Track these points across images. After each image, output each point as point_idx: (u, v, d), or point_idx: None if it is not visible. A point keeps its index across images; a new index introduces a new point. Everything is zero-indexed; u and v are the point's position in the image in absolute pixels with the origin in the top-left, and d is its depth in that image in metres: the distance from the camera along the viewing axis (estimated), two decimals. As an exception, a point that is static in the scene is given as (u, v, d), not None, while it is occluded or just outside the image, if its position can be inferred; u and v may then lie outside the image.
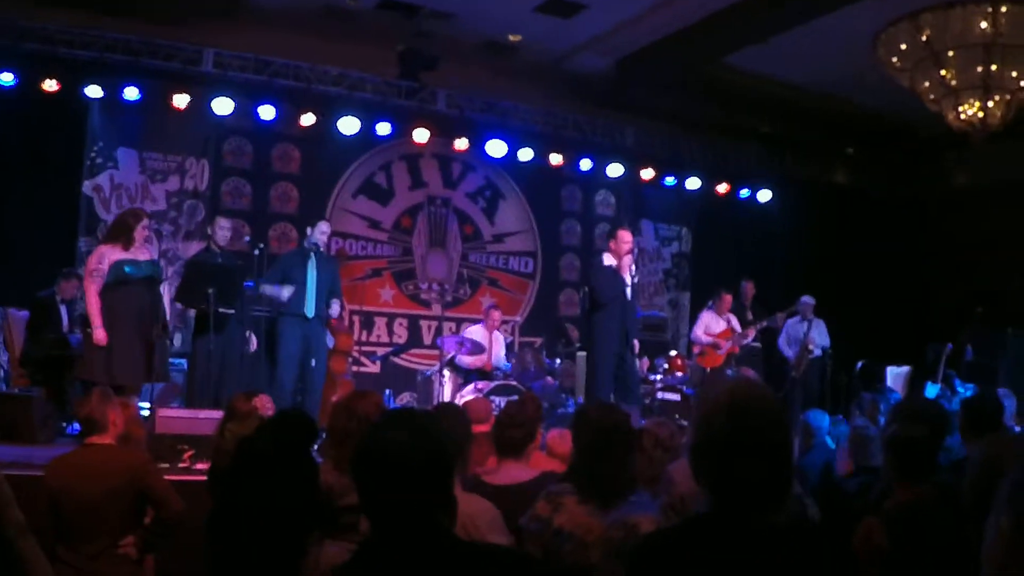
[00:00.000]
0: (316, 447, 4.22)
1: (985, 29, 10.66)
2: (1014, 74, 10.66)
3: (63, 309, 10.72)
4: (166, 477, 6.10)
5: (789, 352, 13.78)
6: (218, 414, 6.96)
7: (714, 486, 2.46)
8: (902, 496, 4.32)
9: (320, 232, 10.43)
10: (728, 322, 13.41)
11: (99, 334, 8.37)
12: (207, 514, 3.70)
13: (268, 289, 9.93)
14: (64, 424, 9.35)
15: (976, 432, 5.14)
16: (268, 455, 3.47)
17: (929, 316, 15.62)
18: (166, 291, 10.17)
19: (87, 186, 12.48)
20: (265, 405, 5.92)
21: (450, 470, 2.51)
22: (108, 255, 8.53)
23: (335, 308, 10.44)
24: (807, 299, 13.64)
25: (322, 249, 10.52)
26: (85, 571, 5.03)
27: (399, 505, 2.39)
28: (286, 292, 9.93)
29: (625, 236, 10.69)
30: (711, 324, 13.40)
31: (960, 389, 12.01)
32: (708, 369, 13.21)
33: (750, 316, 13.64)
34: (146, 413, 9.51)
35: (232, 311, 9.60)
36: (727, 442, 2.45)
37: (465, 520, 3.91)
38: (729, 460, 2.43)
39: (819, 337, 13.68)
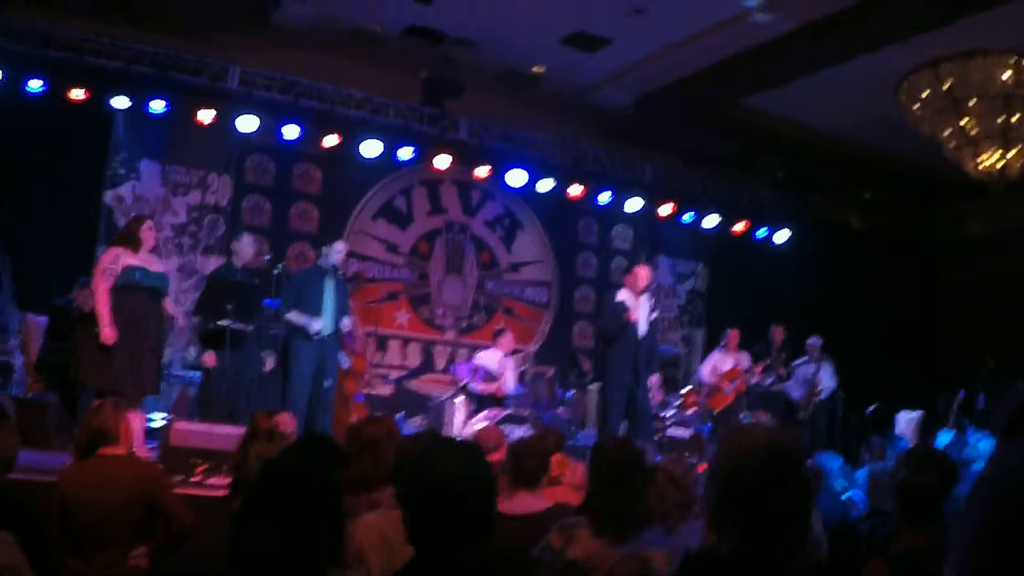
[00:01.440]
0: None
1: (1006, 80, 10.71)
2: (1033, 125, 10.71)
3: (78, 317, 10.76)
4: (178, 490, 6.15)
5: (796, 394, 13.77)
6: (235, 430, 7.00)
7: (742, 528, 2.51)
8: (908, 541, 4.35)
9: (336, 252, 10.36)
10: (736, 362, 13.40)
11: (107, 332, 8.20)
12: (228, 533, 3.71)
13: (296, 318, 9.92)
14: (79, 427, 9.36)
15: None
16: (293, 478, 3.49)
17: (941, 363, 15.62)
18: (181, 303, 10.20)
19: (108, 196, 12.53)
20: (287, 423, 5.94)
21: (495, 501, 2.56)
22: (123, 258, 8.49)
23: (347, 322, 10.41)
24: (814, 340, 13.66)
25: (339, 268, 10.52)
26: (95, 582, 5.06)
27: (445, 532, 2.43)
28: (316, 324, 9.91)
29: (641, 272, 10.72)
30: (719, 364, 13.39)
31: (972, 438, 11.98)
32: (716, 411, 13.16)
33: (781, 361, 13.61)
34: (155, 424, 9.58)
35: (250, 328, 9.65)
36: (762, 485, 2.50)
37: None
38: (761, 503, 2.49)
39: (827, 379, 13.69)
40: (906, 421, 13.99)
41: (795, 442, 2.61)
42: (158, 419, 9.70)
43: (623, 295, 10.60)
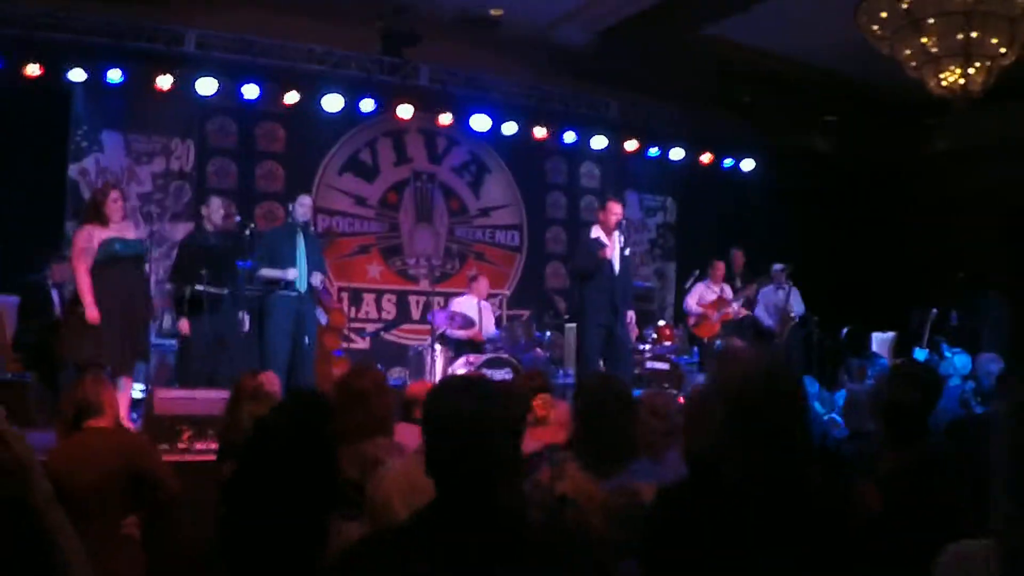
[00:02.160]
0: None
1: (965, -4, 10.69)
2: (994, 41, 10.67)
3: (55, 293, 10.72)
4: (166, 458, 6.18)
5: (769, 321, 13.83)
6: (215, 394, 7.03)
7: (746, 448, 2.58)
8: (895, 460, 4.37)
9: (301, 206, 10.36)
10: (721, 292, 13.51)
11: (92, 312, 8.23)
12: (223, 492, 3.74)
13: (270, 272, 9.90)
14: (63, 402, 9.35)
15: None
16: (287, 434, 3.51)
17: (912, 281, 15.70)
18: (153, 271, 10.17)
19: (73, 170, 12.44)
20: (271, 381, 5.96)
21: (519, 441, 2.57)
22: (97, 234, 8.47)
23: (316, 278, 10.40)
24: (778, 266, 13.70)
25: (306, 222, 10.47)
26: (88, 553, 5.06)
27: (467, 471, 2.45)
28: (291, 273, 9.91)
29: (614, 207, 10.74)
30: (704, 294, 13.52)
31: (948, 354, 12.10)
32: (705, 339, 13.36)
33: (739, 284, 13.73)
34: (138, 395, 9.57)
35: (225, 291, 9.64)
36: (763, 406, 2.57)
37: None
38: (765, 423, 2.56)
39: (795, 304, 13.77)
40: (880, 341, 14.13)
41: (785, 366, 2.73)
42: (138, 390, 9.68)
43: (596, 232, 10.62)
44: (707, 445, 2.90)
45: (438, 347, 11.94)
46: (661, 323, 13.54)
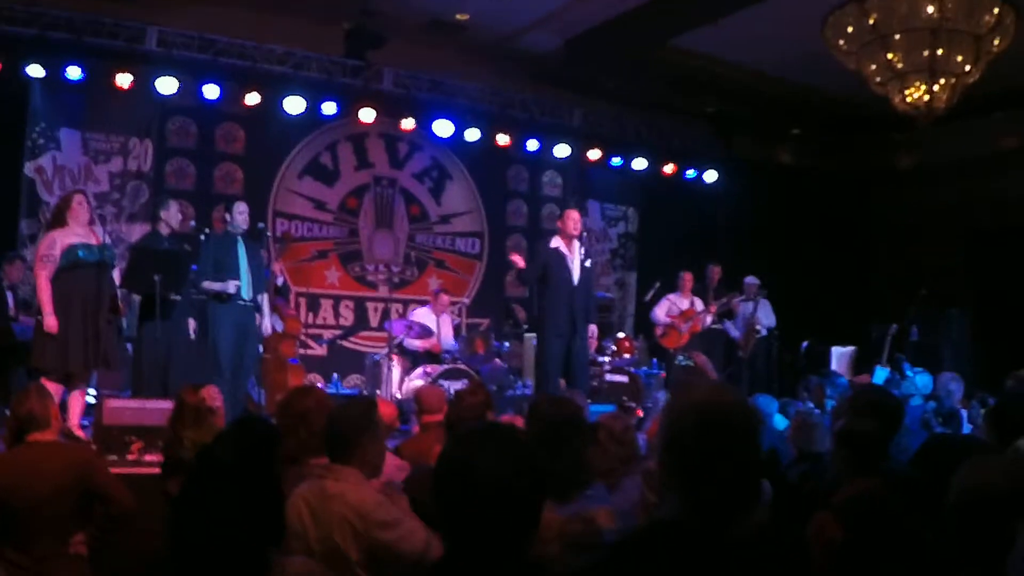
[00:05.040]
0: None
1: (932, 13, 10.70)
2: (959, 58, 10.71)
3: (8, 294, 10.55)
4: (114, 470, 6.04)
5: (736, 333, 13.89)
6: (167, 404, 6.89)
7: (683, 492, 2.45)
8: (853, 489, 4.32)
9: (239, 213, 10.16)
10: (692, 303, 13.49)
11: (50, 321, 8.19)
12: (166, 526, 3.63)
13: (212, 285, 9.74)
14: (8, 413, 9.19)
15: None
16: (231, 467, 3.41)
17: (873, 296, 15.76)
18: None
19: (29, 167, 12.24)
20: (213, 397, 5.87)
21: (543, 498, 2.48)
22: (60, 239, 8.37)
23: (277, 268, 10.29)
24: (751, 279, 13.76)
25: (247, 230, 10.25)
26: (34, 571, 4.95)
27: (485, 529, 2.36)
28: (232, 286, 9.76)
29: (572, 215, 10.64)
30: (673, 305, 13.48)
31: (909, 373, 12.10)
32: (671, 349, 13.30)
33: (712, 297, 13.72)
34: (91, 401, 9.42)
35: (179, 297, 9.50)
36: (697, 449, 2.43)
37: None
38: (699, 467, 2.42)
39: (765, 317, 13.83)
40: (839, 356, 14.15)
41: (735, 403, 2.52)
42: (90, 395, 9.54)
43: (555, 241, 10.54)
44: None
45: (395, 356, 11.84)
46: (621, 335, 13.49)
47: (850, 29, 11.22)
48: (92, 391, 9.55)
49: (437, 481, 2.47)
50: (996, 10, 10.49)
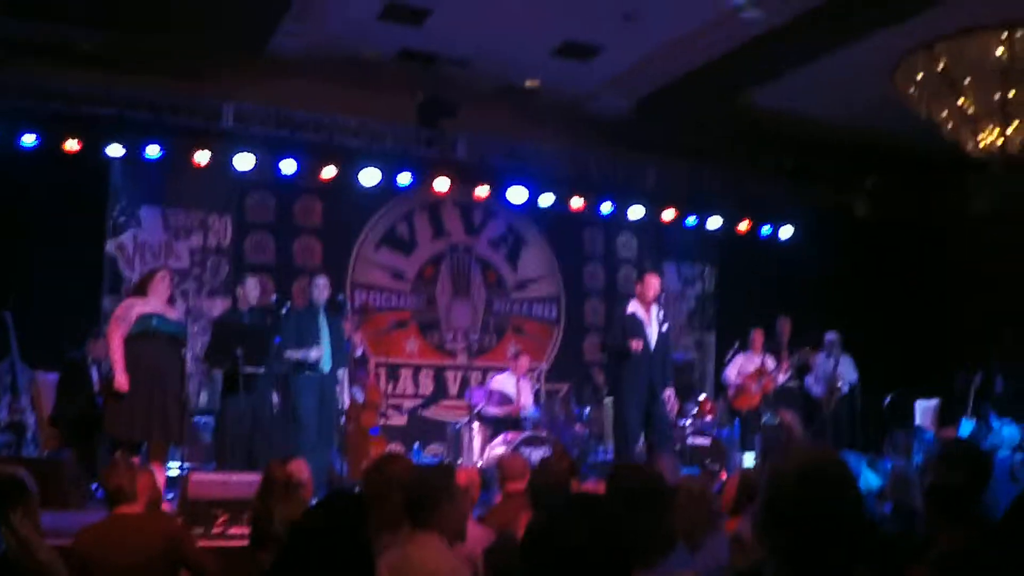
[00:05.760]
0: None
1: (1001, 55, 10.62)
2: (1031, 99, 10.62)
3: (93, 370, 10.68)
4: (200, 543, 6.08)
5: (817, 390, 13.68)
6: (252, 476, 6.92)
7: (783, 554, 2.43)
8: (946, 544, 4.24)
9: (316, 287, 10.36)
10: (762, 362, 13.32)
11: (120, 379, 8.23)
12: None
13: (295, 353, 9.82)
14: (95, 487, 9.28)
15: None
16: (322, 538, 3.41)
17: (955, 346, 15.48)
18: (190, 347, 10.14)
19: (110, 245, 12.50)
20: (301, 470, 5.86)
21: (630, 566, 2.46)
22: (137, 306, 8.47)
23: (357, 339, 10.36)
24: (832, 335, 13.54)
25: (327, 301, 10.37)
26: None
27: None
28: (314, 353, 9.84)
29: (652, 281, 10.63)
30: (745, 365, 13.33)
31: (995, 424, 11.86)
32: (743, 410, 13.13)
33: (786, 354, 13.52)
34: (173, 474, 9.49)
35: (261, 370, 9.57)
36: (796, 514, 2.41)
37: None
38: (798, 531, 2.40)
39: (847, 372, 13.58)
40: (924, 409, 13.89)
41: (832, 461, 2.50)
42: (174, 468, 9.61)
43: (633, 306, 10.50)
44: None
45: (476, 424, 11.82)
46: (702, 396, 13.36)
47: (920, 75, 11.17)
48: (175, 463, 9.62)
49: (524, 552, 2.46)
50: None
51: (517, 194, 14.39)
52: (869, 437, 13.15)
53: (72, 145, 11.87)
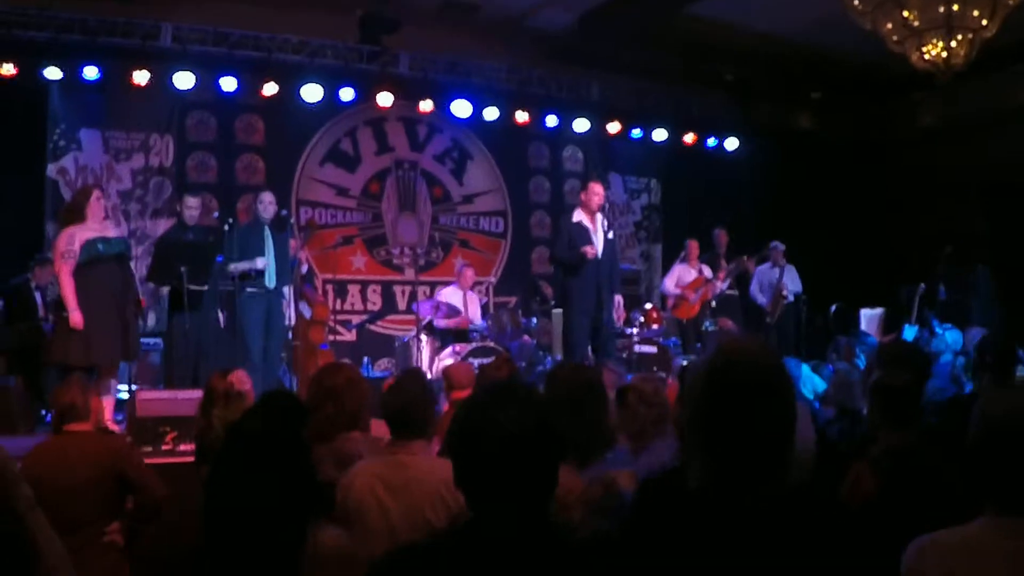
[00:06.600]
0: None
1: (947, -32, 10.62)
2: (976, 13, 10.60)
3: (38, 295, 10.64)
4: (149, 461, 6.11)
5: (762, 299, 13.85)
6: (198, 394, 6.95)
7: (702, 455, 2.35)
8: (888, 441, 4.35)
9: (261, 203, 10.24)
10: (700, 271, 13.47)
11: (75, 316, 8.12)
12: (201, 506, 3.67)
13: (239, 265, 9.80)
14: (43, 412, 9.29)
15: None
16: (260, 441, 3.45)
17: (899, 257, 15.65)
18: (136, 269, 10.09)
19: (51, 169, 12.35)
20: (242, 380, 5.90)
21: (560, 457, 2.45)
22: (78, 235, 8.36)
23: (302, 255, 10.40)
24: (777, 244, 13.67)
25: (272, 218, 10.30)
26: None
27: (504, 487, 2.34)
28: (260, 262, 9.81)
29: (596, 188, 10.70)
30: (683, 275, 13.50)
31: (938, 330, 12.06)
32: (684, 320, 13.29)
33: (723, 264, 13.66)
34: (124, 395, 9.50)
35: (205, 288, 9.55)
36: (713, 407, 2.34)
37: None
38: (716, 432, 2.32)
39: (791, 283, 13.74)
40: (869, 318, 14.09)
41: (755, 355, 2.38)
42: (124, 391, 9.60)
43: (579, 215, 10.56)
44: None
45: (424, 337, 11.90)
46: (648, 306, 13.43)
47: (865, -13, 11.15)
48: (124, 386, 9.61)
49: (452, 438, 2.44)
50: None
51: (461, 108, 14.37)
52: (814, 346, 13.33)
53: (8, 69, 11.67)
